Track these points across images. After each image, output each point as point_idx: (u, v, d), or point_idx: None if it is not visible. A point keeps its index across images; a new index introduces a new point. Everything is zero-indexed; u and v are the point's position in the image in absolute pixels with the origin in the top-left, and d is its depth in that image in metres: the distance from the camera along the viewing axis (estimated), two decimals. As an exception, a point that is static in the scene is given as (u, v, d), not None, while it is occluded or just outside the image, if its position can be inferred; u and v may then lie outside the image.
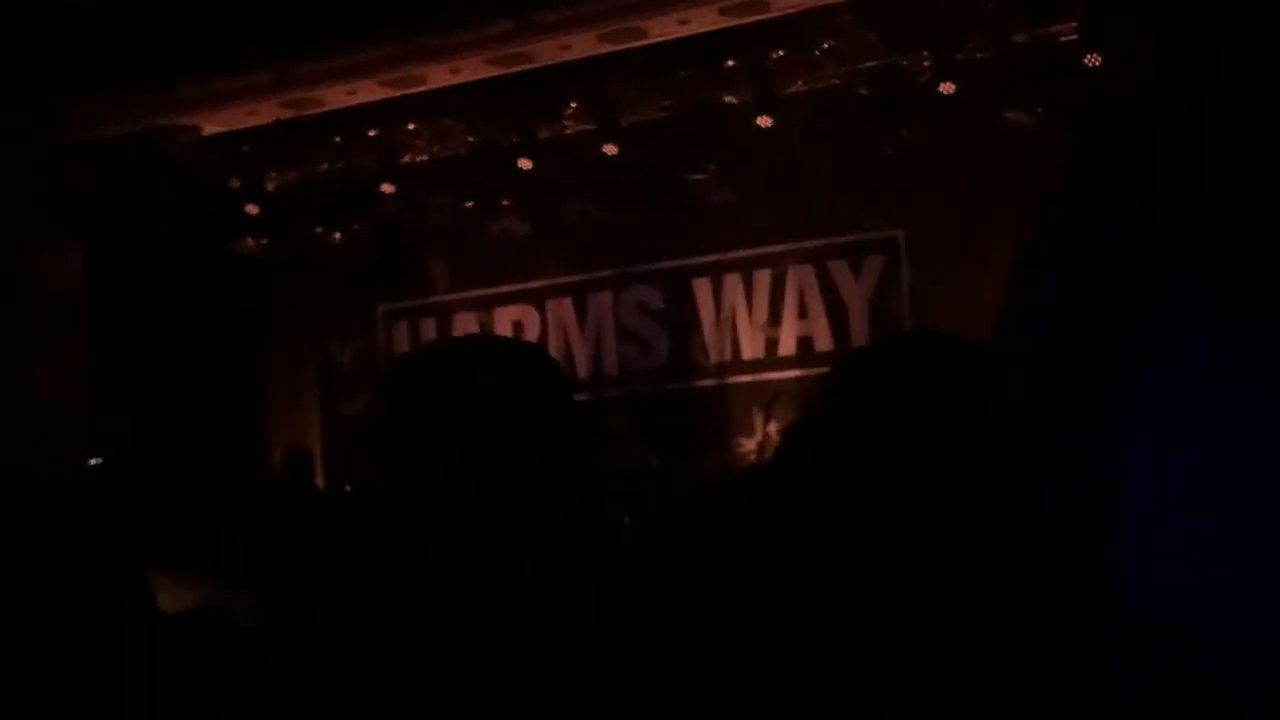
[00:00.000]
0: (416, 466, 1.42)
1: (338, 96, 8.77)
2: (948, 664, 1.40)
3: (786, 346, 8.97)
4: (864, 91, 8.11)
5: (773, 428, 8.50)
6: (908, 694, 1.39)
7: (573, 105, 8.72)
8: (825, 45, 7.99)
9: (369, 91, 8.71)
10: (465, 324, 10.00)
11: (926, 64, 7.80)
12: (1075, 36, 7.36)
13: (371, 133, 9.06)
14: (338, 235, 9.79)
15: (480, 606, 1.35)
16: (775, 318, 9.01)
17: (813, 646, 1.50)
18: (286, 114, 8.92)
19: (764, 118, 8.17)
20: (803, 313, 8.93)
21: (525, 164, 8.85)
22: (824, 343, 8.82)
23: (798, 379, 8.75)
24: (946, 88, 7.69)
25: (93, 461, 8.66)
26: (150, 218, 9.34)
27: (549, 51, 8.17)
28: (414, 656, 1.32)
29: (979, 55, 7.58)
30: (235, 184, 9.38)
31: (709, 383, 9.20)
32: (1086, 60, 7.25)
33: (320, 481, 9.62)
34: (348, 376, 10.30)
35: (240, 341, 10.23)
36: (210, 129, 9.10)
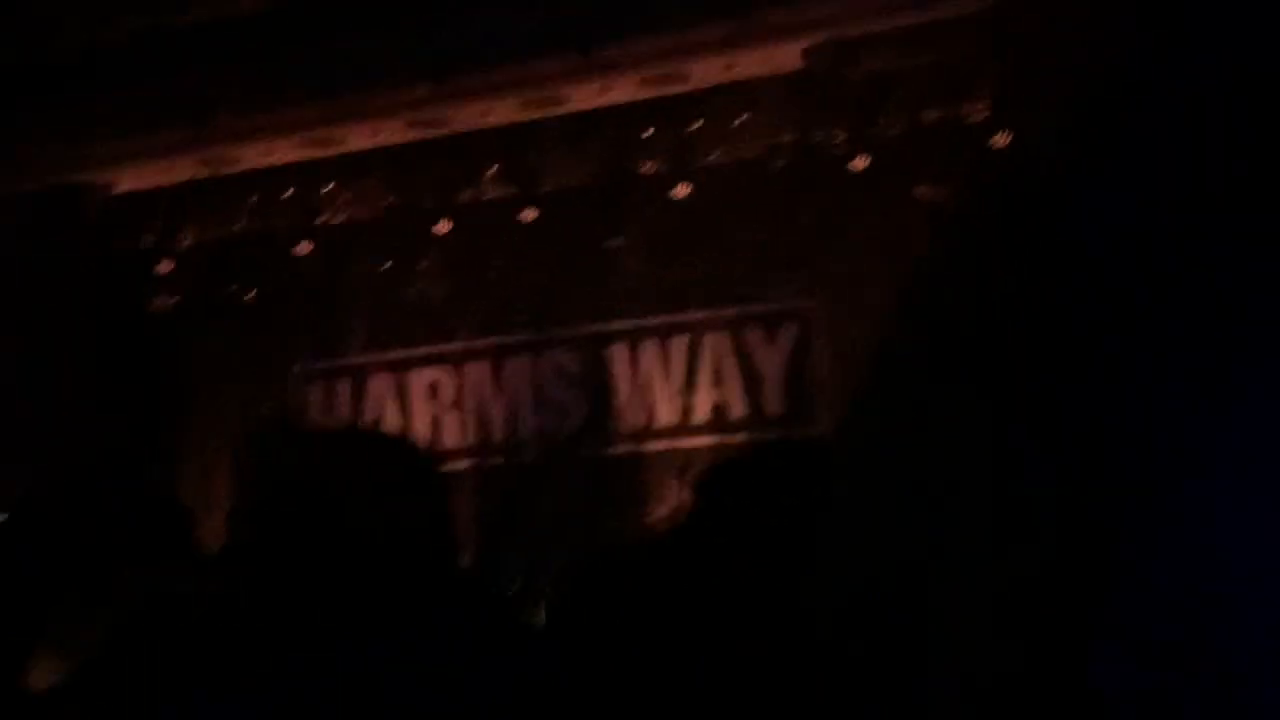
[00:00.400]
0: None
1: (255, 156, 8.75)
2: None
3: (701, 413, 9.03)
4: (780, 164, 8.25)
5: (686, 495, 8.53)
6: None
7: (492, 170, 8.77)
8: (743, 118, 8.12)
9: (287, 151, 8.70)
10: (380, 386, 9.95)
11: (841, 139, 7.97)
12: (985, 115, 7.56)
13: (289, 192, 9.03)
14: (253, 294, 9.71)
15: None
16: (690, 384, 9.07)
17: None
18: (203, 172, 8.87)
19: (682, 186, 8.28)
20: (718, 380, 9.00)
21: (444, 227, 8.87)
22: (738, 410, 8.89)
23: (711, 446, 8.79)
24: (860, 163, 7.85)
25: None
26: (59, 278, 9.20)
27: (469, 117, 8.22)
28: (414, 656, 1.32)
29: (891, 132, 7.75)
30: (149, 242, 9.29)
31: (624, 449, 9.22)
32: (996, 139, 7.45)
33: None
34: (260, 436, 10.16)
35: (152, 402, 10.07)
36: (123, 186, 9.02)
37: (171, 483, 9.99)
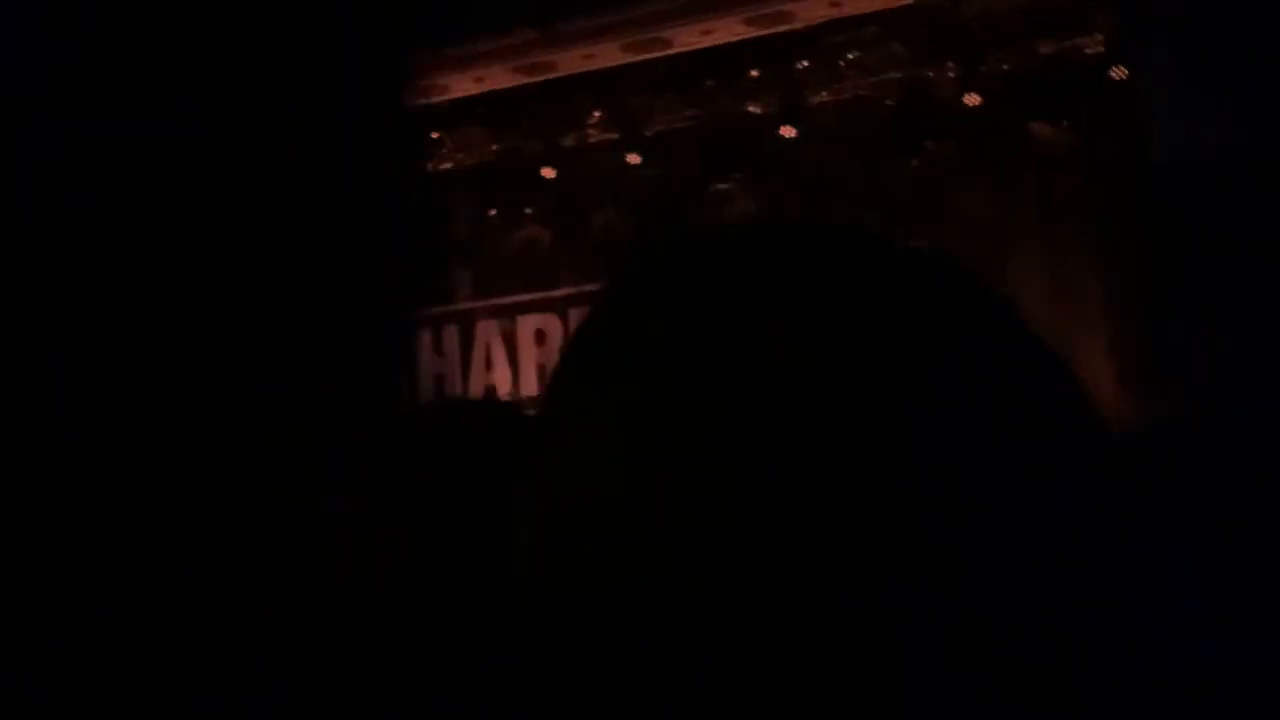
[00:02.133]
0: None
1: (363, 104, 8.82)
2: None
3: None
4: (889, 102, 8.10)
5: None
6: None
7: (596, 114, 8.73)
8: (851, 56, 7.98)
9: (394, 99, 8.75)
10: (487, 331, 10.02)
11: (952, 75, 7.79)
12: (1101, 49, 7.34)
13: (396, 140, 9.09)
14: (361, 242, 9.82)
15: None
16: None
17: None
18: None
19: (788, 128, 8.17)
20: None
21: (549, 173, 8.86)
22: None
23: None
24: (972, 99, 7.67)
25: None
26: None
27: (573, 61, 8.18)
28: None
29: (1004, 67, 7.56)
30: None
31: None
32: (1112, 73, 7.23)
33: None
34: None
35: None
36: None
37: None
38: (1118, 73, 7.22)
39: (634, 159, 8.67)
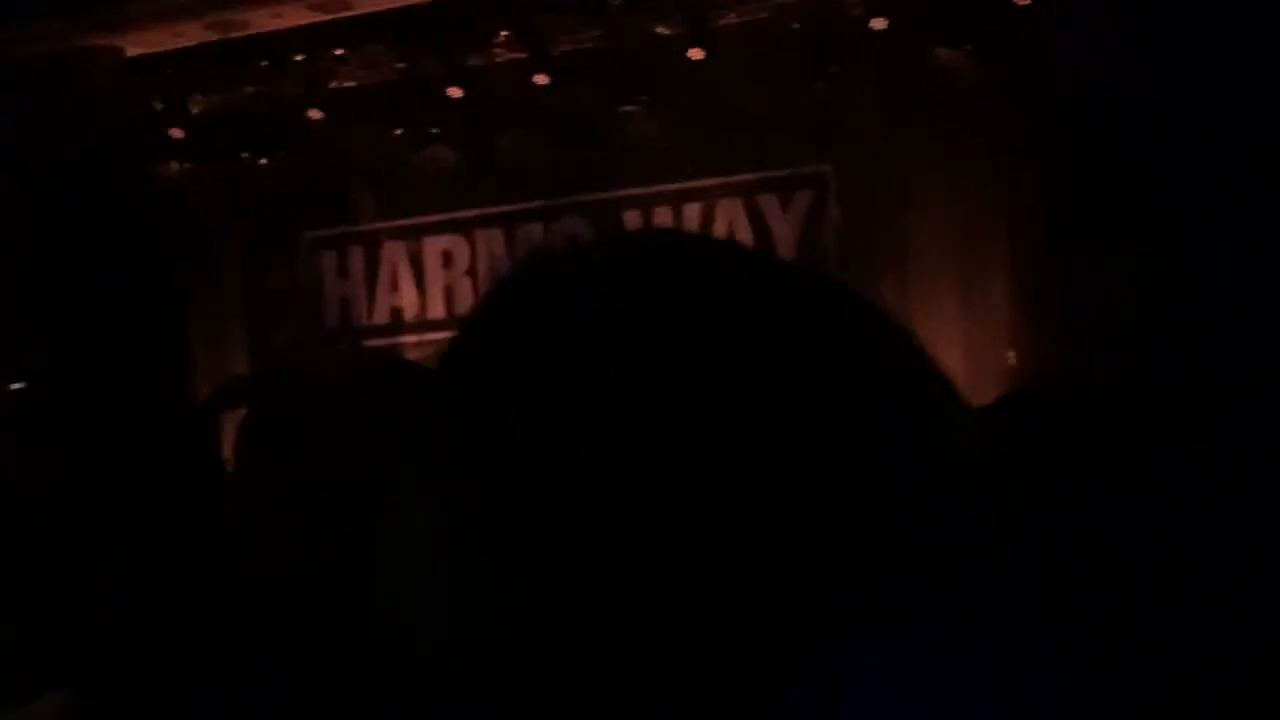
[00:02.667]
0: (265, 500, 1.35)
1: (264, 19, 8.63)
2: None
3: (715, 280, 9.01)
4: (796, 26, 8.12)
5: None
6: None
7: (503, 34, 8.64)
8: (758, -22, 7.98)
9: (296, 14, 8.58)
10: (394, 253, 9.94)
11: None
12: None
13: (298, 57, 8.93)
14: (264, 161, 9.66)
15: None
16: (704, 251, 9.04)
17: None
18: (212, 36, 8.76)
19: (696, 50, 8.16)
20: (732, 247, 8.97)
21: (455, 92, 8.77)
22: (752, 277, 8.87)
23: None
24: (878, 23, 7.72)
25: (15, 386, 8.54)
26: (71, 144, 9.15)
27: (480, -22, 8.09)
28: None
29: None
30: (159, 106, 9.22)
31: (637, 316, 9.22)
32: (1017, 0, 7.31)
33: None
34: (273, 305, 10.21)
35: (164, 268, 10.09)
36: (133, 51, 8.92)
37: (179, 353, 10.06)
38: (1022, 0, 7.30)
39: (541, 79, 8.60)
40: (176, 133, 9.25)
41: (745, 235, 8.91)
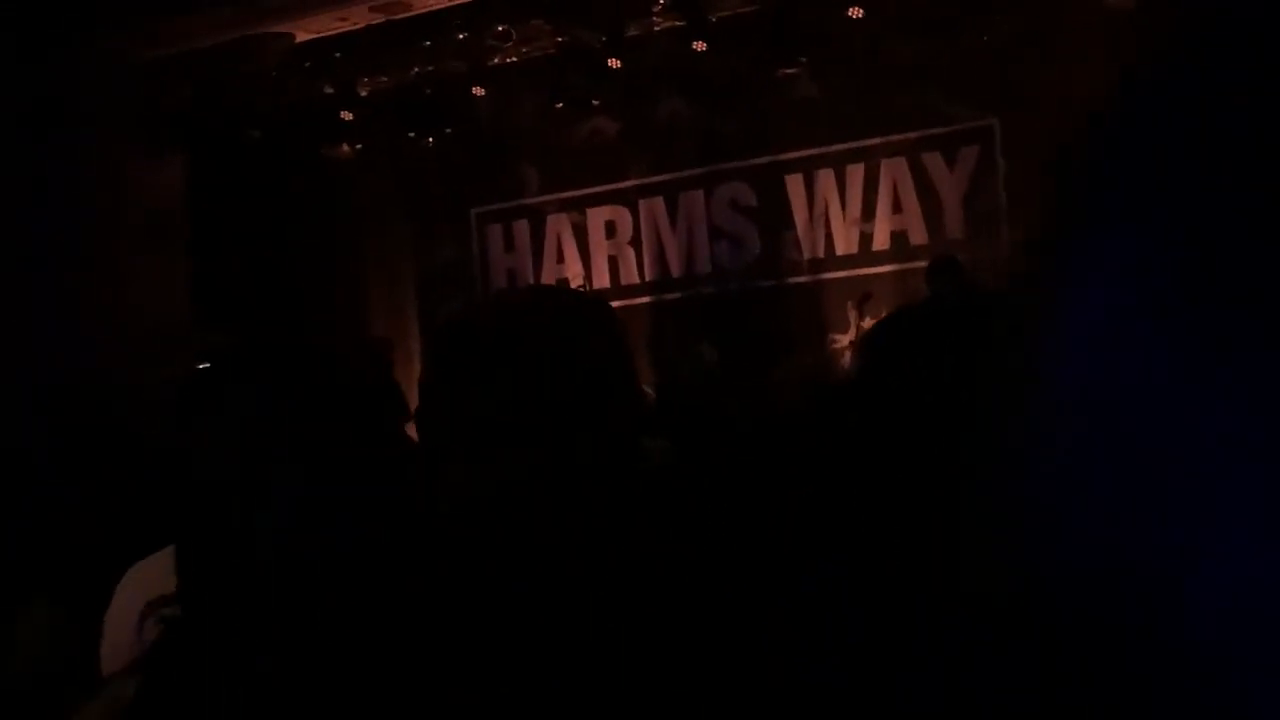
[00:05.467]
0: (455, 425, 1.38)
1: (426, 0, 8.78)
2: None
3: (880, 241, 8.92)
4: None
5: (866, 323, 8.49)
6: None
7: (660, 2, 8.65)
8: (917, -68, 7.83)
9: (456, -7, 8.70)
10: (558, 225, 10.06)
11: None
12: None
13: (461, 35, 9.06)
14: (430, 139, 9.86)
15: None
16: (869, 212, 8.96)
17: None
18: (377, 18, 8.95)
19: (855, 9, 8.05)
20: (896, 207, 8.86)
21: (614, 63, 8.81)
22: (918, 237, 8.76)
23: (892, 274, 8.71)
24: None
25: (201, 366, 8.88)
26: (246, 128, 9.46)
27: (636, -52, 8.10)
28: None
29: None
30: (329, 90, 9.46)
31: (802, 279, 9.19)
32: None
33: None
34: (443, 279, 10.44)
35: (338, 247, 10.39)
36: (302, 37, 9.16)
37: (357, 325, 10.34)
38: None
39: (700, 46, 8.59)
40: (346, 115, 9.48)
41: (910, 194, 8.80)
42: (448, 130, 9.72)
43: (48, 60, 7.96)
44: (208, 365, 8.92)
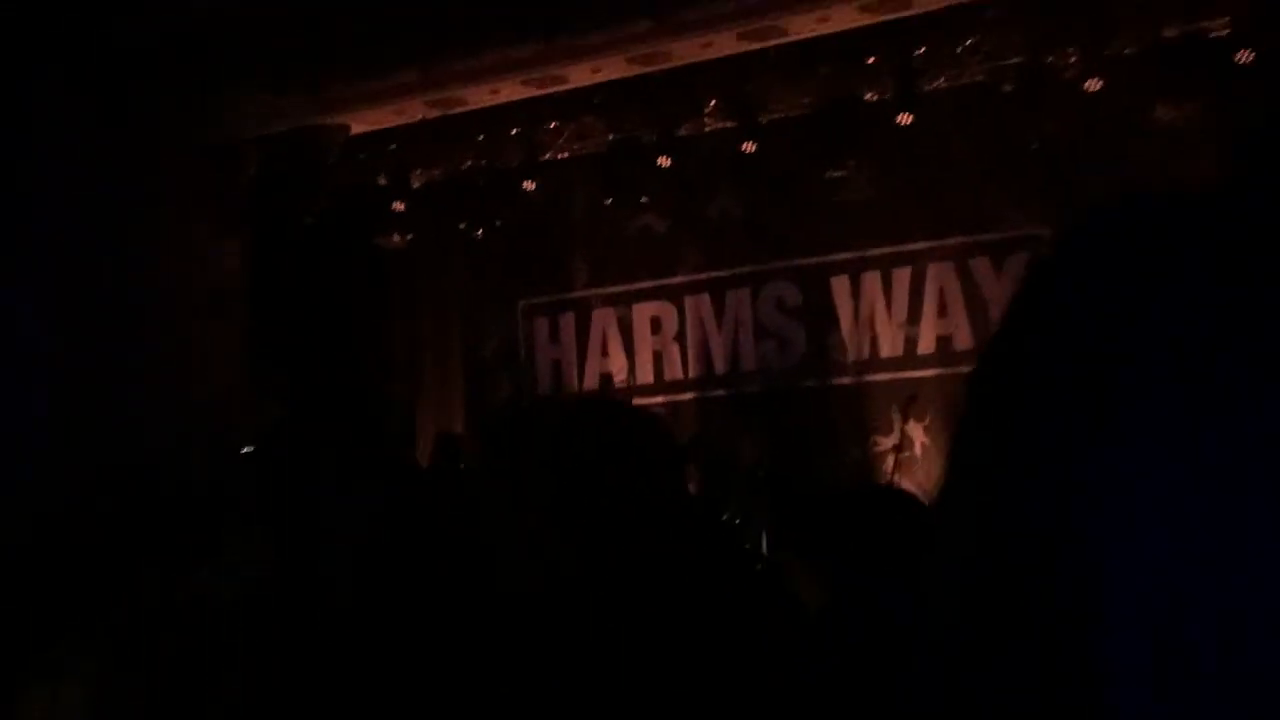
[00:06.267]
0: (512, 519, 1.41)
1: (481, 95, 8.94)
2: None
3: (926, 345, 8.91)
4: (1008, 88, 8.02)
5: (910, 426, 8.45)
6: None
7: (712, 103, 8.77)
8: (968, 41, 7.92)
9: (511, 90, 8.86)
10: (604, 319, 10.12)
11: (1073, 60, 7.69)
12: (1227, 32, 7.19)
13: (514, 130, 9.21)
14: (480, 231, 9.98)
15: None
16: (914, 316, 8.96)
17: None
18: (432, 113, 9.12)
19: (905, 114, 8.12)
20: (942, 311, 8.86)
21: (664, 161, 8.92)
22: (964, 341, 8.74)
23: (936, 378, 8.68)
24: (1094, 84, 7.57)
25: (245, 450, 8.93)
26: (303, 214, 9.62)
27: (689, 50, 8.22)
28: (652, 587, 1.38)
29: (1127, 51, 7.44)
30: (382, 181, 9.61)
31: (847, 380, 9.18)
32: (1238, 56, 7.10)
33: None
34: (490, 368, 10.50)
35: (391, 333, 10.49)
36: (359, 128, 9.34)
37: (405, 416, 10.40)
38: (1244, 56, 7.08)
39: (749, 146, 8.69)
40: (399, 205, 9.62)
41: (956, 299, 8.80)
42: (498, 223, 9.84)
43: (126, 137, 8.18)
44: (250, 450, 8.98)
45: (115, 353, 7.85)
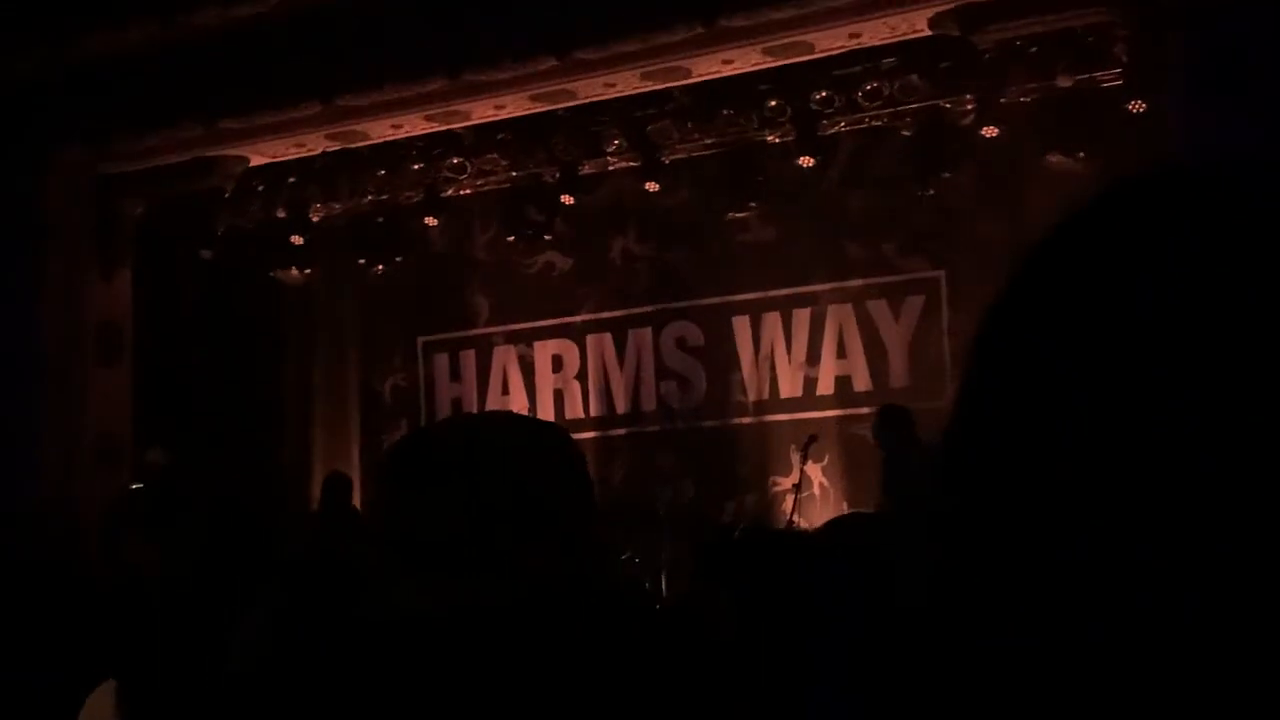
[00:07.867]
0: (407, 546, 1.35)
1: (383, 130, 8.86)
2: None
3: (825, 386, 8.97)
4: (906, 133, 8.13)
5: (809, 467, 8.48)
6: None
7: (615, 142, 8.78)
8: (868, 87, 8.02)
9: (413, 125, 8.79)
10: (505, 357, 10.05)
11: (970, 107, 7.82)
12: (1119, 82, 7.36)
13: (416, 166, 9.14)
14: (381, 266, 9.88)
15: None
16: (814, 356, 9.01)
17: None
18: (332, 146, 9.01)
19: (806, 158, 8.20)
20: (841, 352, 8.93)
21: (567, 199, 8.91)
22: (862, 383, 8.81)
23: (835, 419, 8.74)
24: (990, 131, 7.70)
25: (134, 487, 8.73)
26: (197, 248, 9.45)
27: (592, 88, 8.22)
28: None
29: (1023, 99, 7.58)
30: (281, 214, 9.48)
31: (747, 420, 9.20)
32: (1130, 106, 7.26)
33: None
34: (389, 407, 10.37)
35: (285, 369, 10.32)
36: (257, 160, 9.20)
37: (299, 450, 10.23)
38: (1135, 105, 7.25)
39: (652, 186, 8.71)
40: (297, 239, 9.49)
41: (855, 340, 8.88)
42: (399, 258, 9.75)
43: (8, 170, 7.97)
44: (139, 486, 8.77)
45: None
